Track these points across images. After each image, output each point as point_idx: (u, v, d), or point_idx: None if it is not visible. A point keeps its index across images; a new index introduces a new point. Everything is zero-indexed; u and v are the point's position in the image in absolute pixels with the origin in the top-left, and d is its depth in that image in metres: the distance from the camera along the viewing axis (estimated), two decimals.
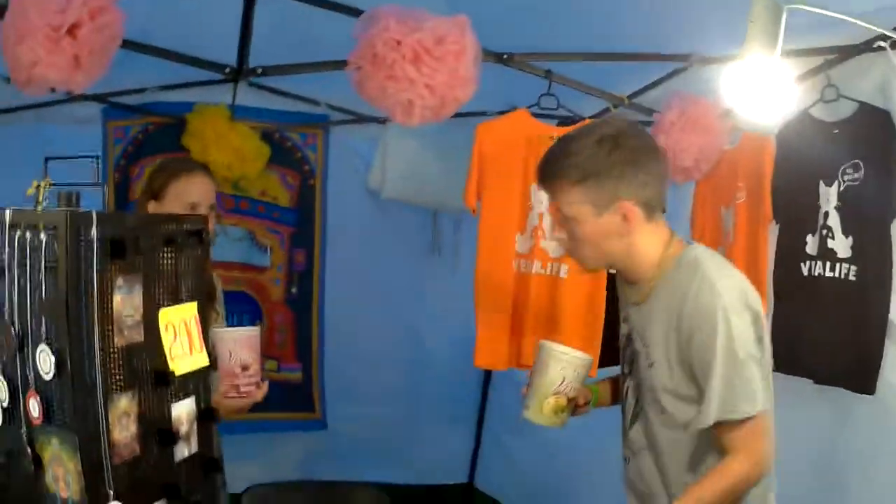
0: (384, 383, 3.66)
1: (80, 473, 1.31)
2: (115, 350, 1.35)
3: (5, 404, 1.36)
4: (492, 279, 2.72)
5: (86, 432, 1.31)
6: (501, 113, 2.91)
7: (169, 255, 1.48)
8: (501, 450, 3.79)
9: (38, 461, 1.34)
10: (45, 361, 1.29)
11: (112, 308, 1.34)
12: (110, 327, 1.34)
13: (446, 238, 3.62)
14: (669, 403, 1.65)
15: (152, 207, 2.13)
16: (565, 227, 1.72)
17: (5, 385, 1.36)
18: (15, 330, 1.32)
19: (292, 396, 3.61)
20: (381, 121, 3.29)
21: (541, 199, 2.69)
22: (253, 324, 3.02)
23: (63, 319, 1.29)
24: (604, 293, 2.71)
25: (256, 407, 3.49)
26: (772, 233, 2.49)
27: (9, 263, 1.34)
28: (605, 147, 1.62)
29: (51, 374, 1.29)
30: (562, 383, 1.81)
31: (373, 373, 3.62)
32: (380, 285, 3.58)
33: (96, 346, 1.31)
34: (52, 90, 1.85)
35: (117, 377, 1.37)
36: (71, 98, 2.91)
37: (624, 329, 1.83)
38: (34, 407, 1.32)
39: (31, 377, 1.32)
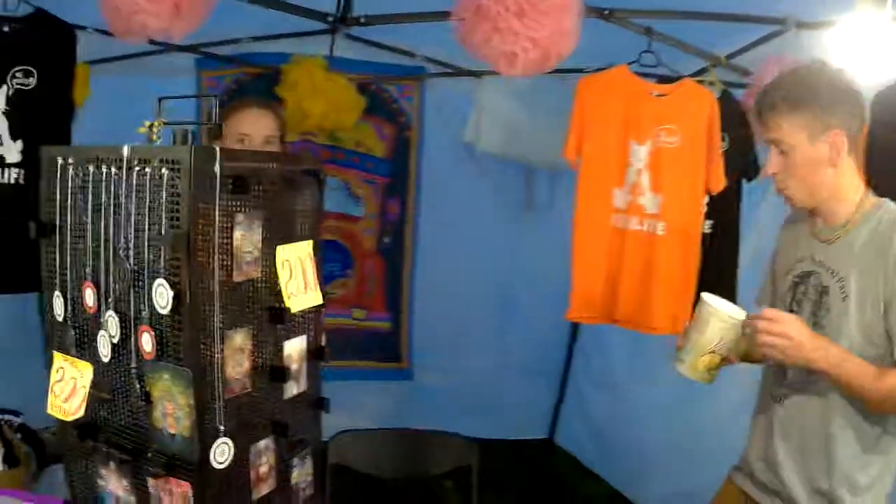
0: (472, 336, 3.62)
1: (192, 409, 1.29)
2: (233, 286, 1.33)
3: (116, 339, 1.34)
4: (589, 233, 2.67)
5: (200, 368, 1.29)
6: (598, 70, 2.80)
7: (287, 193, 1.46)
8: (583, 407, 3.72)
9: (146, 397, 1.33)
10: (163, 296, 1.27)
11: (232, 244, 1.31)
12: (229, 263, 1.31)
13: (540, 194, 3.51)
14: (853, 337, 1.67)
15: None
16: (779, 159, 1.74)
17: (117, 320, 1.34)
18: (130, 265, 1.31)
19: (380, 346, 3.61)
20: (477, 74, 3.20)
21: (639, 155, 2.63)
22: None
23: (184, 254, 1.25)
24: (698, 252, 2.62)
25: (344, 355, 3.52)
26: None
27: (126, 199, 1.31)
28: (822, 77, 1.73)
29: (167, 309, 1.26)
30: (719, 342, 1.74)
31: (461, 325, 3.58)
32: (472, 238, 3.50)
33: (216, 281, 1.28)
34: (151, 41, 1.82)
35: (234, 313, 1.35)
36: (165, 49, 2.94)
37: (800, 268, 1.82)
38: (147, 342, 1.30)
39: (145, 312, 1.30)
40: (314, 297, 1.50)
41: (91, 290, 1.36)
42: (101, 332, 1.36)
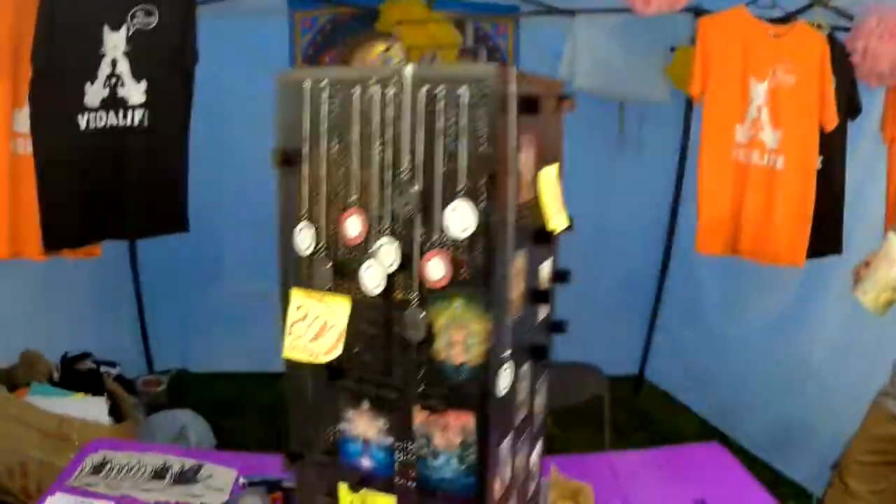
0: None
1: (488, 335, 1.20)
2: (518, 207, 1.22)
3: (393, 268, 1.23)
4: (714, 167, 2.69)
5: (497, 292, 1.18)
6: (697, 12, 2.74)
7: (550, 116, 1.38)
8: (673, 342, 3.69)
9: (427, 328, 1.22)
10: (462, 218, 1.15)
11: (517, 165, 1.20)
12: (517, 184, 1.20)
13: (631, 129, 3.42)
14: None
15: None
16: None
17: (395, 248, 1.22)
18: (418, 188, 1.19)
19: None
20: (571, 12, 3.06)
21: (759, 92, 2.61)
22: None
23: (483, 174, 1.15)
24: (814, 186, 2.59)
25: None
26: None
27: (410, 120, 1.18)
28: None
29: (467, 232, 1.15)
30: None
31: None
32: (565, 173, 3.37)
33: (510, 202, 1.18)
34: None
35: (517, 235, 1.24)
36: None
37: None
38: (436, 268, 1.18)
39: (435, 237, 1.19)
40: (563, 220, 1.42)
41: (359, 218, 1.24)
42: (368, 264, 1.24)
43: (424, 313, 1.21)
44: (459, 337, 1.21)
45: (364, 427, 1.32)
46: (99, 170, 2.23)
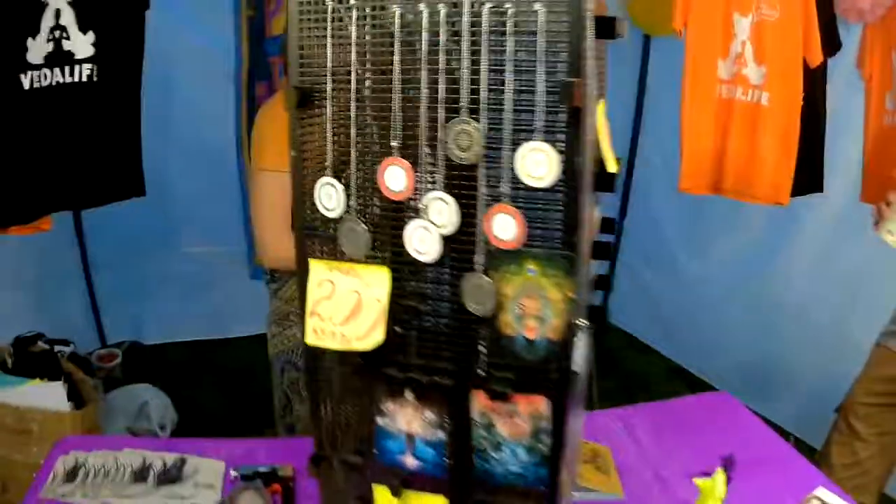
0: None
1: (568, 304, 0.96)
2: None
3: (447, 230, 0.98)
4: (697, 103, 2.53)
5: (579, 251, 0.95)
6: None
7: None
8: (636, 284, 3.56)
9: (494, 297, 0.97)
10: (540, 163, 0.91)
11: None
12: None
13: None
14: None
15: None
16: None
17: (452, 203, 0.96)
18: (482, 129, 0.93)
19: None
20: None
21: (743, 27, 2.42)
22: None
23: (564, 109, 0.90)
24: (799, 123, 2.45)
25: None
26: None
27: (468, 47, 0.91)
28: None
29: (545, 180, 0.91)
30: None
31: None
32: None
33: (591, 142, 0.94)
34: None
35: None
36: None
37: None
38: (505, 227, 0.94)
39: (503, 188, 0.94)
40: (612, 163, 1.18)
41: (402, 169, 0.97)
42: (416, 225, 0.98)
43: (490, 281, 0.96)
44: (533, 307, 0.97)
45: (407, 420, 1.08)
46: (46, 134, 1.86)
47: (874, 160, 2.46)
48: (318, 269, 1.06)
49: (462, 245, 0.98)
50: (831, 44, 2.51)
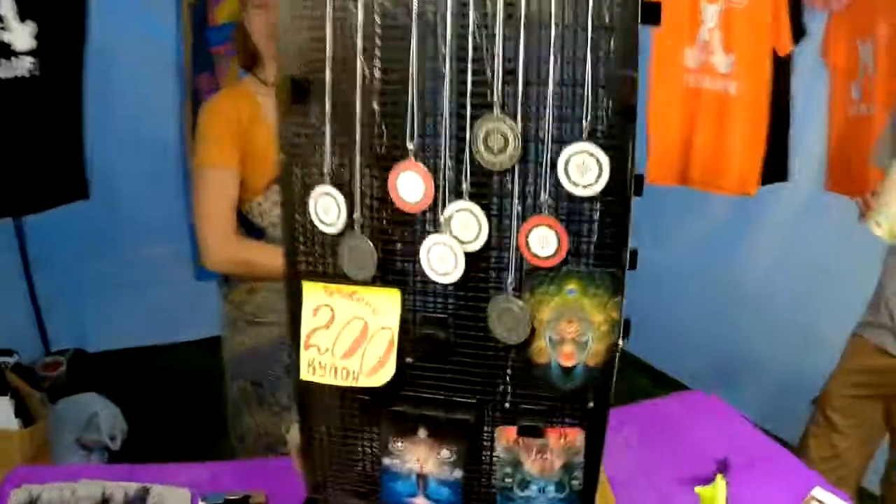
0: None
1: (613, 326, 0.82)
2: None
3: (474, 245, 0.81)
4: (663, 92, 2.35)
5: (625, 267, 0.81)
6: None
7: None
8: None
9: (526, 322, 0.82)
10: (582, 169, 0.76)
11: None
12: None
13: None
14: None
15: None
16: None
17: (479, 216, 0.80)
18: (515, 132, 0.77)
19: None
20: None
21: (711, 14, 2.30)
22: None
23: (613, 106, 0.75)
24: (767, 112, 2.38)
25: None
26: None
27: (504, 32, 0.75)
28: None
29: (593, 188, 0.76)
30: None
31: None
32: None
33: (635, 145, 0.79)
34: None
35: None
36: None
37: None
38: (544, 242, 0.79)
39: (542, 200, 0.78)
40: None
41: (419, 175, 0.80)
42: (434, 241, 0.82)
43: (523, 304, 0.81)
44: (571, 332, 0.83)
45: (420, 459, 0.93)
46: None
47: (839, 149, 2.41)
48: (314, 294, 0.89)
49: (489, 264, 0.82)
50: (797, 31, 2.44)
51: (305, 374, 0.89)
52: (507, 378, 0.86)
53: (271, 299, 1.57)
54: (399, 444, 0.93)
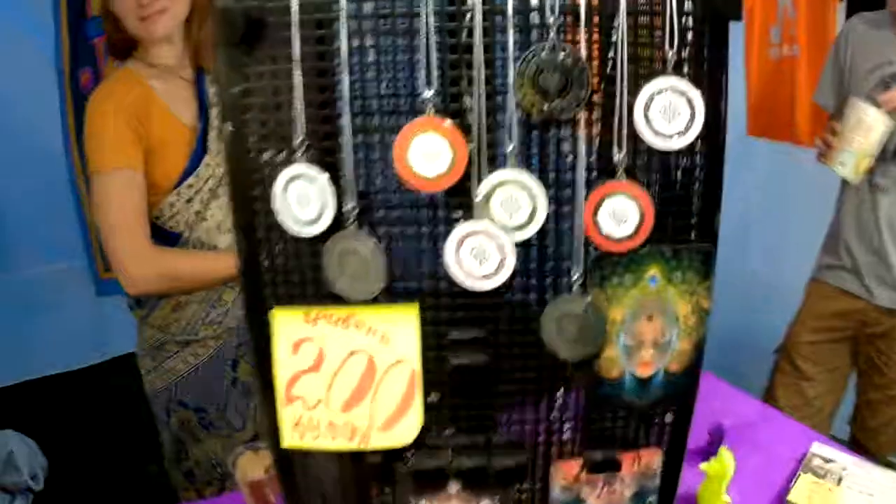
0: None
1: (702, 319, 0.62)
2: None
3: (526, 233, 0.57)
4: None
5: (716, 238, 0.61)
6: None
7: None
8: None
9: (598, 323, 0.60)
10: (672, 114, 0.54)
11: None
12: None
13: None
14: None
15: None
16: None
17: (539, 187, 0.57)
18: (581, 65, 0.54)
19: None
20: None
21: None
22: None
23: (712, 27, 0.54)
24: None
25: None
26: (840, 12, 2.23)
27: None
28: None
29: (684, 138, 0.55)
30: (878, 145, 1.53)
31: None
32: None
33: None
34: None
35: None
36: None
37: (890, 69, 1.59)
38: (622, 215, 0.56)
39: (618, 158, 0.55)
40: None
41: (442, 137, 0.55)
42: (466, 229, 0.57)
43: (596, 306, 0.59)
44: (650, 333, 0.62)
45: None
46: None
47: (760, 93, 2.38)
48: (290, 324, 0.61)
49: (545, 255, 0.59)
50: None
51: (291, 440, 0.62)
52: (569, 405, 0.64)
53: (203, 311, 1.34)
54: (426, 499, 0.67)
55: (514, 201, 0.57)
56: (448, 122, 0.55)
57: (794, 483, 1.21)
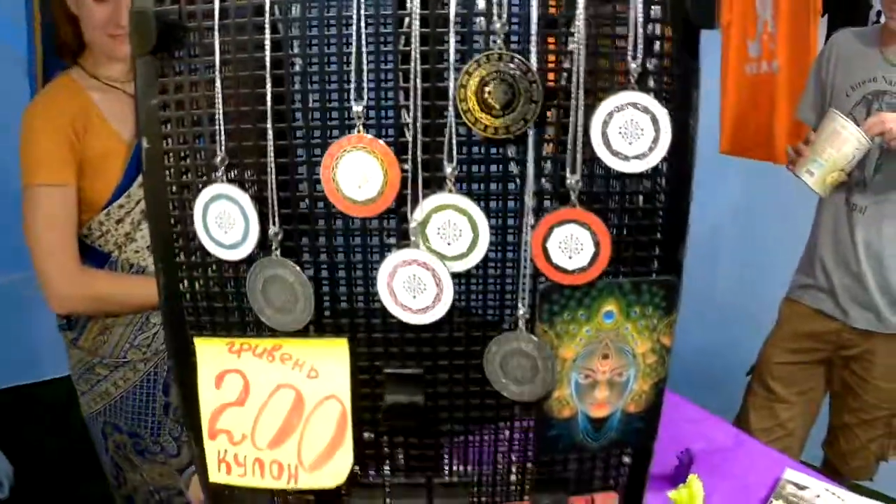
0: None
1: (663, 358, 0.55)
2: None
3: (464, 263, 0.49)
4: None
5: (680, 270, 0.54)
6: None
7: None
8: None
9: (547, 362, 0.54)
10: (630, 132, 0.47)
11: None
12: None
13: None
14: None
15: None
16: None
17: (480, 214, 0.49)
18: (530, 78, 0.46)
19: None
20: None
21: None
22: None
23: (679, 36, 0.47)
24: None
25: None
26: (821, 27, 2.14)
27: None
28: None
29: (647, 160, 0.47)
30: (850, 161, 1.43)
31: None
32: None
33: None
34: None
35: None
36: None
37: (872, 87, 1.54)
38: (576, 245, 0.49)
39: (570, 180, 0.48)
40: None
41: (373, 157, 0.48)
42: (400, 258, 0.50)
43: (544, 343, 0.52)
44: (605, 372, 0.55)
45: None
46: None
47: (735, 110, 2.31)
48: (213, 355, 0.54)
49: (486, 287, 0.52)
50: None
51: (216, 476, 0.55)
52: (515, 445, 0.57)
53: (130, 334, 1.28)
54: None
55: (454, 228, 0.50)
56: (379, 141, 0.48)
57: None
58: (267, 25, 0.47)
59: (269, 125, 0.48)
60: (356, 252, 0.51)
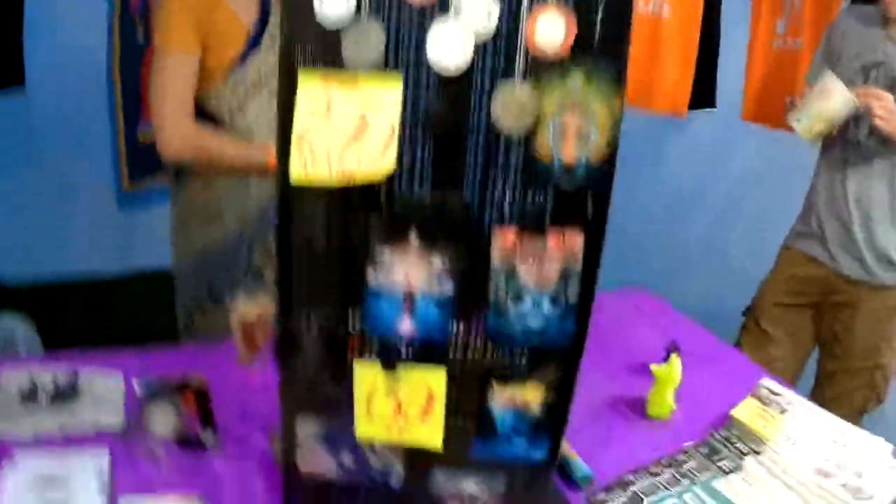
0: None
1: (615, 122, 0.80)
2: None
3: (485, 32, 0.77)
4: None
5: (626, 62, 0.80)
6: None
7: None
8: None
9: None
10: None
11: None
12: None
13: None
14: None
15: None
16: None
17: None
18: None
19: None
20: None
21: None
22: None
23: None
24: (698, 37, 2.44)
25: None
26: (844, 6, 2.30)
27: None
28: None
29: None
30: (835, 114, 1.68)
31: None
32: None
33: None
34: None
35: None
36: None
37: (871, 58, 1.74)
38: (553, 28, 0.77)
39: None
40: None
41: None
42: (441, 26, 0.77)
43: (530, 91, 0.78)
44: (574, 125, 0.80)
45: (407, 273, 0.87)
46: None
47: (760, 81, 2.50)
48: (310, 83, 0.81)
49: (496, 53, 0.79)
50: None
51: (297, 174, 0.82)
52: (511, 173, 0.83)
53: (229, 195, 1.49)
54: (387, 253, 0.87)
55: (480, 6, 0.77)
56: None
57: (739, 403, 1.28)
58: None
59: None
60: (413, 19, 0.78)
